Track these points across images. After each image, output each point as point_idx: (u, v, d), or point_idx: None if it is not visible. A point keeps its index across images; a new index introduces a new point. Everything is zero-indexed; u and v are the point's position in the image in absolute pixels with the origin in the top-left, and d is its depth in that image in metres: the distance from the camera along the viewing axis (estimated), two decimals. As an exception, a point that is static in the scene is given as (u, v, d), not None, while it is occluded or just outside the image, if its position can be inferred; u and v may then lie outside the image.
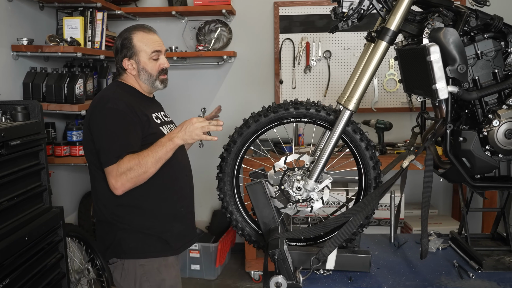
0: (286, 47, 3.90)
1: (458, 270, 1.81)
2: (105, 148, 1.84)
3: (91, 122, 1.90)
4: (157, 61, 2.01)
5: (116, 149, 1.82)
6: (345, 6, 1.70)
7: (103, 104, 1.89)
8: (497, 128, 1.66)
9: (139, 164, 1.80)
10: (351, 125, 1.80)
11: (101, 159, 1.85)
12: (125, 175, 1.79)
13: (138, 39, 1.99)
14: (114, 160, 1.80)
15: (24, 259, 2.07)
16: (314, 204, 1.85)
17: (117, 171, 1.80)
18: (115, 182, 1.80)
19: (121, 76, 2.05)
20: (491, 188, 1.78)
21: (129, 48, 1.98)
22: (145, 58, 1.99)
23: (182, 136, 1.86)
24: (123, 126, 1.86)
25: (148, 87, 2.03)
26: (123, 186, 1.81)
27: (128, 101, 1.91)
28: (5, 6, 2.81)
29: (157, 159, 1.84)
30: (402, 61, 1.88)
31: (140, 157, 1.82)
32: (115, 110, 1.86)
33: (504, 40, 1.69)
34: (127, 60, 1.99)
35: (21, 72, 2.92)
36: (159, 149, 1.85)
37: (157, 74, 2.02)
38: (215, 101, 4.03)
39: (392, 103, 3.88)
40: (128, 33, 2.00)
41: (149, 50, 1.99)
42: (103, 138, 1.85)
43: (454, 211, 4.00)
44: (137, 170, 1.80)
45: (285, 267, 1.65)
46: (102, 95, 1.96)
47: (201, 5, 3.66)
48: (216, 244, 3.63)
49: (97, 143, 1.87)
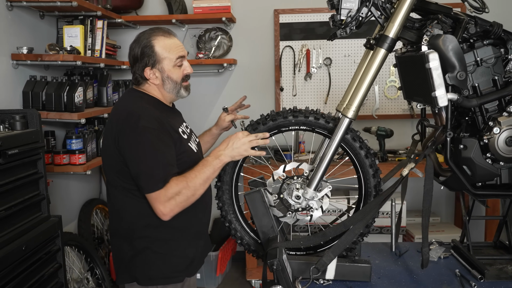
0: (287, 55, 3.89)
1: (460, 280, 1.79)
2: (146, 173, 1.69)
3: (122, 142, 1.73)
4: (181, 67, 1.86)
5: (159, 174, 1.69)
6: (343, 13, 1.69)
7: (134, 122, 1.72)
8: (497, 135, 1.65)
9: (187, 187, 1.70)
10: (351, 133, 1.78)
11: (142, 184, 1.70)
12: (174, 200, 1.68)
13: (160, 45, 1.82)
14: (159, 186, 1.67)
15: (21, 269, 2.05)
16: (314, 213, 1.83)
17: (164, 196, 1.67)
18: (164, 208, 1.68)
19: (140, 85, 1.88)
20: (493, 196, 1.76)
21: (151, 56, 1.81)
22: (169, 65, 1.83)
23: (229, 153, 1.76)
24: (161, 146, 1.72)
25: (173, 96, 1.89)
26: (172, 212, 1.70)
27: (159, 117, 1.76)
28: (6, 14, 2.81)
29: (205, 180, 1.74)
30: (401, 68, 1.87)
31: (187, 179, 1.71)
32: (149, 129, 1.71)
33: (503, 46, 1.68)
34: (149, 69, 1.82)
35: (21, 81, 2.92)
36: (206, 169, 1.74)
37: (181, 81, 1.87)
38: (215, 109, 4.02)
39: (393, 110, 3.87)
40: (148, 40, 1.82)
41: (174, 57, 1.83)
42: (141, 162, 1.70)
43: (456, 219, 3.96)
44: (186, 194, 1.70)
45: (284, 277, 1.63)
46: (129, 111, 1.76)
47: (201, 13, 3.67)
48: (217, 252, 3.60)
49: (134, 167, 1.72)
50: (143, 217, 1.79)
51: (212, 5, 3.65)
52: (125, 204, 1.81)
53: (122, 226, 1.84)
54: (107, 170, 1.85)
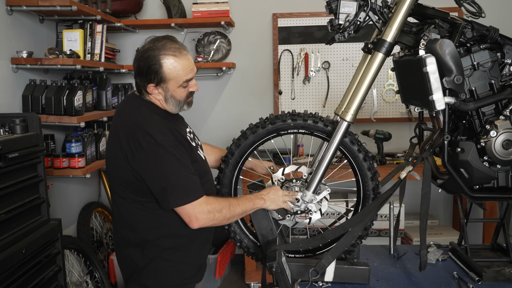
0: (285, 58, 3.91)
1: (458, 282, 1.80)
2: (174, 187, 1.68)
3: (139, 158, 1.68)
4: (186, 88, 1.81)
5: (189, 185, 1.69)
6: (341, 18, 1.71)
7: (148, 136, 1.67)
8: (494, 138, 1.66)
9: (229, 210, 1.73)
10: (349, 136, 1.80)
11: (171, 198, 1.68)
12: (213, 215, 1.70)
13: (169, 66, 1.74)
14: (191, 199, 1.68)
15: (21, 272, 2.06)
16: (313, 216, 1.85)
17: (205, 208, 1.68)
18: (201, 218, 1.68)
19: (143, 95, 1.83)
20: (490, 199, 1.78)
21: (157, 74, 1.74)
22: (174, 86, 1.77)
23: (269, 200, 1.81)
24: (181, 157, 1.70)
25: (175, 111, 1.85)
26: (205, 224, 1.71)
27: (170, 128, 1.75)
28: (5, 19, 2.83)
29: (243, 211, 1.78)
30: (399, 72, 1.89)
31: (230, 203, 1.75)
32: (166, 142, 1.68)
33: (500, 51, 1.70)
34: (152, 86, 1.76)
35: (20, 85, 2.93)
36: (248, 204, 1.78)
37: (185, 98, 1.83)
38: (214, 112, 4.04)
39: (391, 113, 3.89)
40: (158, 57, 1.73)
41: (181, 80, 1.77)
42: (166, 177, 1.67)
43: (455, 222, 3.97)
44: (224, 215, 1.72)
45: (283, 279, 1.64)
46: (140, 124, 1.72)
47: (200, 17, 3.69)
48: (216, 255, 3.60)
49: (157, 184, 1.69)
50: (157, 229, 1.78)
51: (211, 9, 3.66)
52: (136, 215, 1.78)
53: (133, 237, 1.81)
54: (113, 180, 1.80)
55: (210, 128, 4.03)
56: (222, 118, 4.04)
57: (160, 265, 1.80)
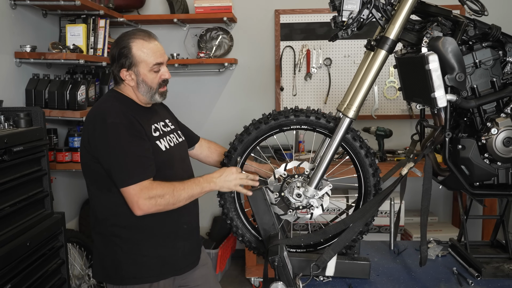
0: (287, 55, 3.92)
1: (457, 278, 1.82)
2: (120, 167, 1.71)
3: (93, 141, 1.75)
4: (158, 73, 1.85)
5: (134, 167, 1.71)
6: (344, 15, 1.72)
7: (101, 119, 1.74)
8: (495, 136, 1.68)
9: (172, 195, 1.73)
10: (351, 132, 1.81)
11: (116, 179, 1.72)
12: (154, 200, 1.70)
13: (138, 48, 1.80)
14: (135, 179, 1.69)
15: (25, 264, 2.08)
16: (314, 211, 1.86)
17: (146, 194, 1.69)
18: (142, 204, 1.69)
19: (118, 85, 1.89)
20: (490, 196, 1.79)
21: (127, 57, 1.80)
22: (145, 70, 1.81)
23: (220, 183, 1.81)
24: (131, 139, 1.73)
25: (146, 99, 1.87)
26: (148, 210, 1.71)
27: (126, 112, 1.78)
28: (9, 13, 2.83)
29: (190, 196, 1.78)
30: (401, 69, 1.90)
31: (174, 187, 1.74)
32: (117, 124, 1.72)
33: (502, 49, 1.71)
34: (125, 71, 1.82)
35: (23, 79, 2.95)
36: (195, 187, 1.78)
37: (157, 86, 1.85)
38: (216, 108, 4.05)
39: (392, 111, 3.90)
40: (127, 41, 1.81)
41: (150, 62, 1.81)
42: (113, 156, 1.72)
43: (454, 218, 4.00)
44: (168, 200, 1.72)
45: (285, 273, 1.66)
46: (98, 110, 1.81)
47: (203, 13, 3.69)
48: (217, 250, 3.63)
49: (106, 162, 1.73)
50: (113, 217, 1.80)
51: (214, 5, 3.67)
52: (97, 204, 1.84)
53: (96, 224, 1.85)
54: (83, 169, 1.86)
55: (211, 123, 4.04)
56: (224, 114, 4.05)
57: (120, 257, 1.81)
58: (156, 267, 1.83)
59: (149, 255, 1.82)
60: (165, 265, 1.85)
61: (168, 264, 1.86)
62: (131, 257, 1.81)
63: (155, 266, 1.83)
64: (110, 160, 1.73)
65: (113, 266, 1.83)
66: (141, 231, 1.81)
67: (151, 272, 1.82)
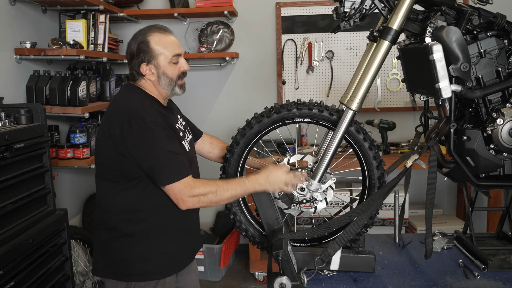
0: (289, 48, 3.89)
1: (463, 270, 1.81)
2: (162, 165, 1.71)
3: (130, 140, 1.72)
4: (177, 65, 1.86)
5: (176, 164, 1.72)
6: (347, 6, 1.70)
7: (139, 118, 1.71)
8: (501, 126, 1.66)
9: (215, 194, 1.74)
10: (354, 125, 1.79)
11: (159, 177, 1.72)
12: (198, 199, 1.72)
13: (156, 41, 1.83)
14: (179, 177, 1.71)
15: (28, 261, 2.08)
16: (318, 205, 1.85)
17: (190, 192, 1.71)
18: (187, 200, 1.72)
19: (137, 81, 1.88)
20: (496, 187, 1.78)
21: (146, 52, 1.82)
22: (165, 62, 1.83)
23: (265, 185, 1.79)
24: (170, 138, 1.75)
25: (167, 92, 1.87)
26: (192, 206, 1.75)
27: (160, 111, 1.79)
28: (8, 9, 2.82)
29: (233, 196, 1.78)
30: (405, 60, 1.87)
31: (218, 187, 1.75)
32: (156, 123, 1.72)
33: (507, 38, 1.68)
34: (145, 65, 1.83)
35: (24, 75, 2.93)
36: (239, 187, 1.77)
37: (177, 78, 1.86)
38: (217, 102, 4.03)
39: (395, 103, 3.87)
40: (144, 36, 1.83)
41: (169, 54, 1.83)
42: (155, 155, 1.71)
43: (459, 211, 3.98)
44: (210, 199, 1.74)
45: (289, 268, 1.65)
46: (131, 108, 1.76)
47: (203, 7, 3.67)
48: (220, 245, 3.62)
49: (147, 162, 1.72)
50: (126, 212, 1.79)
51: (214, -2, 3.64)
52: (110, 198, 1.81)
53: (104, 219, 1.83)
54: (100, 162, 1.84)
55: (213, 118, 4.03)
56: (225, 108, 4.03)
57: (130, 253, 1.80)
58: (164, 264, 1.83)
59: (159, 252, 1.82)
60: (172, 261, 1.86)
61: (174, 260, 1.87)
62: (141, 253, 1.80)
63: (163, 263, 1.83)
64: (153, 159, 1.72)
65: (120, 262, 1.81)
66: (155, 228, 1.81)
67: (159, 269, 1.82)
